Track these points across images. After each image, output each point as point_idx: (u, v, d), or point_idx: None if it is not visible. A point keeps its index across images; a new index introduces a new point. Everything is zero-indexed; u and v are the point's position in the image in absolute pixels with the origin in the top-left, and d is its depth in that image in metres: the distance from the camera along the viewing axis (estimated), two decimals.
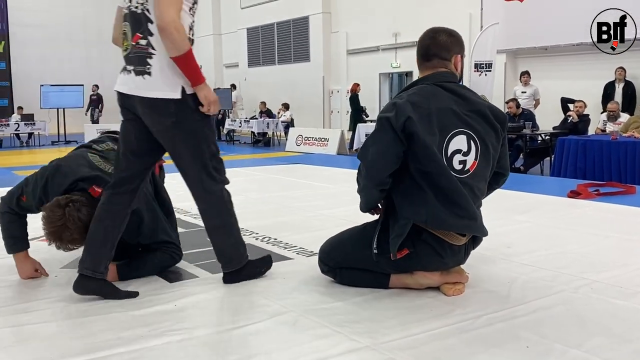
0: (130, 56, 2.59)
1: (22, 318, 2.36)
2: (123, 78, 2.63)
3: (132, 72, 2.57)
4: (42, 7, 21.43)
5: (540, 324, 2.24)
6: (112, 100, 13.04)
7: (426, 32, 2.66)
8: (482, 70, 10.15)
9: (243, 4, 20.16)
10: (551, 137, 8.97)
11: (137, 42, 2.55)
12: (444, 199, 2.42)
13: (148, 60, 2.53)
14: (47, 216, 2.65)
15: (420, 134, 2.39)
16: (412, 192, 2.45)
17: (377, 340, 2.10)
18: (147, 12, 2.52)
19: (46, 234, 2.68)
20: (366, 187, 2.53)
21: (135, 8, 2.55)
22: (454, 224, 2.45)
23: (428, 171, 2.42)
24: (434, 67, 2.61)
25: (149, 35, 2.52)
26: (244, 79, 20.38)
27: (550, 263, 3.06)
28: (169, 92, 2.51)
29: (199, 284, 2.79)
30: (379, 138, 2.45)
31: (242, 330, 2.22)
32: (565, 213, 4.44)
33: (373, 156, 2.45)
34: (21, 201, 2.85)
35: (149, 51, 2.53)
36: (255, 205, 4.88)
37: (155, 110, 2.54)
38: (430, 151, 2.40)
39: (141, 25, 2.54)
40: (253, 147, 14.91)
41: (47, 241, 2.74)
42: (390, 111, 2.44)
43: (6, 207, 2.90)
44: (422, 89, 2.53)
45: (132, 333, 2.19)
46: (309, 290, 2.68)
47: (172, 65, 2.49)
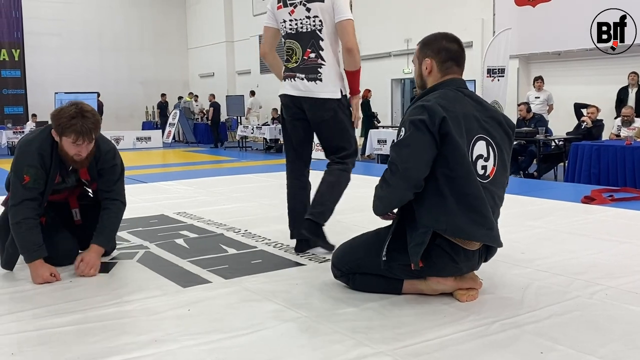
0: (301, 67, 3.32)
1: (38, 322, 2.38)
2: (292, 84, 3.35)
3: (304, 79, 3.31)
4: (57, 16, 21.66)
5: (555, 330, 2.23)
6: (113, 107, 12.98)
7: (450, 36, 2.65)
8: (495, 75, 10.12)
9: (255, 12, 20.26)
10: (565, 143, 8.93)
11: (308, 56, 3.30)
12: (465, 206, 2.42)
13: (319, 69, 3.29)
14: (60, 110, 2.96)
15: (455, 136, 2.39)
16: (433, 199, 2.43)
17: (390, 346, 2.10)
18: (318, 32, 3.29)
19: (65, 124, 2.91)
20: (399, 188, 2.45)
21: (301, 28, 3.31)
22: (472, 232, 2.44)
23: (455, 176, 2.41)
24: (454, 73, 2.62)
25: (319, 50, 3.29)
26: (257, 86, 20.46)
27: (565, 269, 3.04)
28: (333, 93, 3.29)
29: (212, 289, 2.80)
30: (415, 139, 2.40)
31: (256, 336, 2.22)
32: (579, 219, 4.41)
33: (410, 157, 2.40)
34: (28, 187, 2.95)
35: (319, 62, 3.29)
36: (267, 211, 4.90)
37: (322, 106, 3.30)
38: (461, 154, 2.41)
39: (311, 43, 3.29)
40: (265, 154, 14.95)
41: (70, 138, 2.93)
42: (421, 114, 2.41)
43: (20, 216, 2.94)
44: (446, 94, 2.52)
45: (146, 337, 2.20)
46: (322, 295, 2.68)
47: (336, 74, 3.30)
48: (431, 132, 2.38)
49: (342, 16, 3.27)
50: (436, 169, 2.42)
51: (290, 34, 3.37)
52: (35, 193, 2.98)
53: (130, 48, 23.22)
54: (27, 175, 2.96)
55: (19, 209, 2.95)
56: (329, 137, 3.41)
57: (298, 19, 3.32)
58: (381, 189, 2.54)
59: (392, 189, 2.48)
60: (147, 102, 23.02)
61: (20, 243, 2.97)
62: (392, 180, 2.46)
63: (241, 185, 6.66)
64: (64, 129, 2.93)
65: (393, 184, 2.46)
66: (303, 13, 3.30)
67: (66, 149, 2.99)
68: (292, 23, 3.35)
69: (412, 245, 2.44)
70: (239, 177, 7.65)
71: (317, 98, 3.28)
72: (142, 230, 4.18)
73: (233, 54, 22.39)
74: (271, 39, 3.51)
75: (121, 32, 23.06)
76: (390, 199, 2.51)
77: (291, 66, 3.37)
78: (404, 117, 2.53)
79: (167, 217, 4.71)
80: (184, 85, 24.01)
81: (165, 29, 24.15)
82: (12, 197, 3.02)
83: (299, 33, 3.33)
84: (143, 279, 3.00)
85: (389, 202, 2.54)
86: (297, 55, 3.34)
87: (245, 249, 3.60)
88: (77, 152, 2.99)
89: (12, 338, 2.24)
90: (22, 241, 2.96)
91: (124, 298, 2.70)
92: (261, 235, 3.94)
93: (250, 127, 16.01)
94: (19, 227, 2.95)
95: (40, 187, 2.99)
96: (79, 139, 2.94)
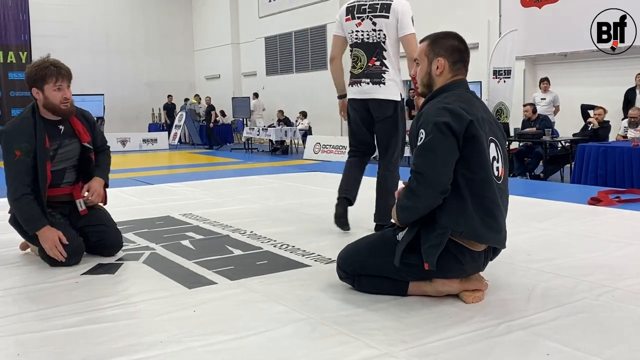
0: (366, 72, 3.86)
1: (44, 324, 2.39)
2: (359, 89, 3.91)
3: (369, 83, 3.84)
4: (64, 18, 21.76)
5: (561, 332, 2.22)
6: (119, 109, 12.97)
7: (458, 36, 2.64)
8: (501, 77, 10.09)
9: (261, 13, 20.29)
10: (571, 144, 8.89)
11: (373, 63, 3.85)
12: (482, 209, 2.42)
13: (383, 75, 3.83)
14: (31, 67, 3.21)
15: (481, 139, 2.39)
16: (453, 201, 2.42)
17: (396, 348, 2.09)
18: (382, 43, 3.82)
19: (42, 72, 3.16)
20: (427, 197, 2.40)
21: (367, 39, 3.84)
22: (485, 236, 2.45)
23: (475, 178, 2.41)
24: (462, 74, 2.62)
25: (383, 59, 3.83)
26: (262, 88, 20.48)
27: (571, 270, 3.03)
28: (394, 96, 3.85)
29: (218, 291, 2.80)
30: (440, 143, 2.36)
31: (261, 337, 2.22)
32: (585, 220, 4.40)
33: (437, 164, 2.37)
34: (21, 160, 3.10)
35: (383, 69, 3.84)
36: (273, 212, 4.90)
37: (384, 106, 3.85)
38: (484, 157, 2.41)
39: (376, 52, 3.83)
40: (271, 155, 14.96)
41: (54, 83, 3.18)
42: (444, 116, 2.38)
43: (19, 192, 3.11)
44: (462, 96, 2.52)
45: (152, 338, 2.21)
46: (327, 297, 2.68)
47: (396, 80, 3.86)
48: (455, 135, 2.36)
49: (406, 31, 3.78)
50: (457, 171, 2.41)
51: (357, 43, 3.90)
52: (29, 166, 3.12)
53: (137, 50, 23.29)
54: (18, 150, 3.12)
55: (17, 186, 3.12)
56: (386, 134, 3.93)
57: (365, 30, 3.84)
58: (407, 199, 2.47)
59: (419, 198, 2.42)
60: (153, 104, 23.07)
61: (25, 216, 3.14)
62: (420, 189, 2.40)
63: (247, 186, 6.67)
64: (44, 77, 3.16)
65: (421, 193, 2.40)
66: (369, 26, 3.82)
67: (52, 99, 3.19)
68: (358, 34, 3.87)
69: (427, 246, 2.43)
70: (245, 178, 7.66)
71: (382, 99, 3.84)
72: (148, 231, 4.19)
73: (239, 56, 22.43)
74: (339, 47, 4.06)
75: (127, 34, 23.14)
76: (418, 208, 2.44)
77: (356, 72, 3.93)
78: (421, 118, 2.48)
79: (173, 218, 4.71)
80: (190, 87, 24.06)
81: (171, 31, 24.22)
82: (7, 176, 3.16)
83: (364, 43, 3.86)
84: (149, 280, 3.01)
85: (417, 211, 2.46)
86: (362, 62, 3.88)
87: (250, 250, 3.60)
88: (62, 97, 3.21)
89: (18, 339, 2.24)
90: (25, 214, 3.14)
91: (129, 299, 2.70)
92: (267, 236, 3.94)
93: (256, 129, 16.03)
94: (19, 203, 3.13)
95: (32, 159, 3.13)
96: (59, 79, 3.18)
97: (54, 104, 3.21)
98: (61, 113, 3.26)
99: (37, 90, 3.20)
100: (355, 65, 3.92)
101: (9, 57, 21.24)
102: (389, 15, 3.78)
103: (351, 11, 3.89)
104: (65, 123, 3.35)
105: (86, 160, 3.46)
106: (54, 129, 3.29)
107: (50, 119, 3.29)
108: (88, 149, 3.44)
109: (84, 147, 3.42)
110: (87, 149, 3.43)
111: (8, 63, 21.21)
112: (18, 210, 3.17)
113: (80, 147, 3.41)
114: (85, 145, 3.42)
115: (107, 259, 3.37)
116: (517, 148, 9.52)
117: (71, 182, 3.42)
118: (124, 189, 6.50)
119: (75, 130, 3.38)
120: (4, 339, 2.23)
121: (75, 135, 3.38)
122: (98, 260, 3.34)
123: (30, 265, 3.31)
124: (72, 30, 21.91)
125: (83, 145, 3.41)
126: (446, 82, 2.59)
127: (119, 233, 3.53)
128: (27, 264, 3.35)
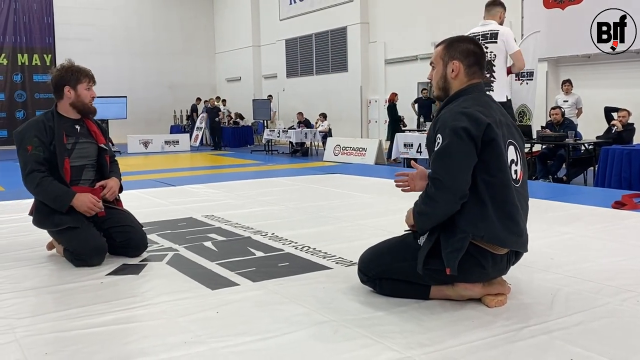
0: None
1: (71, 323, 2.43)
2: None
3: None
4: (87, 21, 22.06)
5: (585, 337, 2.20)
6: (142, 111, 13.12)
7: (474, 39, 2.66)
8: (524, 79, 10.00)
9: (282, 16, 20.38)
10: (595, 147, 8.79)
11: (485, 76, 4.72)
12: (502, 213, 2.42)
13: (492, 84, 5.22)
14: (61, 70, 3.52)
15: (499, 142, 2.39)
16: (472, 205, 2.42)
17: (418, 351, 2.10)
18: (492, 61, 5.27)
19: (76, 74, 3.48)
20: (445, 202, 2.39)
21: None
22: (506, 239, 2.44)
23: (495, 182, 2.41)
24: (478, 78, 2.62)
25: (492, 72, 5.27)
26: (283, 90, 20.56)
27: (595, 275, 3.00)
28: (501, 97, 5.06)
29: (240, 292, 2.83)
30: (458, 148, 2.36)
31: (283, 339, 2.24)
32: (609, 224, 4.35)
33: (454, 169, 2.37)
34: (33, 153, 3.29)
35: (491, 79, 5.24)
36: (294, 214, 4.92)
37: None
38: (503, 160, 2.41)
39: (487, 68, 4.96)
40: (291, 157, 15.00)
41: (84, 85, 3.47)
42: (461, 120, 2.38)
43: (37, 178, 3.28)
44: (479, 99, 2.52)
45: (176, 339, 2.24)
46: (348, 299, 2.68)
47: (502, 86, 5.26)
48: (474, 140, 2.36)
49: (513, 50, 5.33)
50: (476, 175, 2.41)
51: None
52: (41, 158, 3.31)
53: (159, 53, 23.53)
54: (30, 145, 3.31)
55: (33, 175, 3.29)
56: None
57: None
58: (424, 205, 2.46)
59: (437, 204, 2.41)
60: (175, 106, 23.29)
61: (51, 196, 3.30)
62: (437, 195, 2.40)
63: (268, 188, 6.70)
64: (78, 77, 3.43)
65: (439, 198, 2.40)
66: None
67: (83, 97, 3.48)
68: None
69: (449, 251, 2.42)
70: (266, 180, 7.70)
71: None
72: (171, 232, 4.23)
73: (259, 58, 22.55)
74: None
75: (150, 37, 23.39)
76: (436, 214, 2.44)
77: None
78: (438, 122, 2.49)
79: (195, 220, 4.76)
80: (211, 89, 24.24)
81: (193, 33, 24.43)
82: (23, 169, 3.34)
83: None
84: (172, 281, 3.05)
85: (435, 218, 2.45)
86: None
87: (272, 252, 3.62)
88: (91, 95, 3.51)
89: (46, 338, 2.29)
90: (51, 194, 3.30)
91: (154, 300, 2.74)
92: (288, 238, 3.96)
93: (277, 131, 16.09)
94: (41, 186, 3.29)
95: (44, 152, 3.31)
96: (91, 80, 3.50)
97: (84, 102, 3.48)
98: (88, 110, 3.52)
99: (70, 88, 3.45)
100: None
101: (34, 59, 21.60)
102: (497, 41, 5.31)
103: None
104: (81, 123, 3.53)
105: (102, 162, 3.56)
106: (71, 128, 3.48)
107: (69, 117, 3.48)
108: (104, 150, 3.57)
109: (101, 148, 3.55)
110: (103, 150, 3.57)
111: (33, 65, 21.57)
112: (42, 194, 3.31)
113: (97, 148, 3.54)
114: (102, 147, 3.56)
115: (131, 260, 3.41)
116: (539, 150, 9.43)
117: (90, 181, 3.51)
118: (146, 190, 6.58)
119: (92, 131, 3.55)
120: (32, 338, 2.28)
121: (91, 136, 3.54)
122: (122, 261, 3.39)
123: (56, 265, 3.37)
124: (95, 33, 22.22)
125: (100, 146, 3.55)
126: (462, 86, 2.59)
127: (144, 234, 3.59)
128: (54, 264, 3.41)
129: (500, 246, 2.46)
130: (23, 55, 21.47)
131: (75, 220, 3.31)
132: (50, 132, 3.36)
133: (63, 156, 3.35)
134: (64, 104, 3.48)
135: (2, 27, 21.13)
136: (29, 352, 2.14)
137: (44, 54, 21.64)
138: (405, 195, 2.96)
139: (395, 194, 4.02)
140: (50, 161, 3.33)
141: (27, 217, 3.60)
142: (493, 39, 5.29)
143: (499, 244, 2.45)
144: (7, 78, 21.36)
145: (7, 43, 21.24)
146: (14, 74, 21.44)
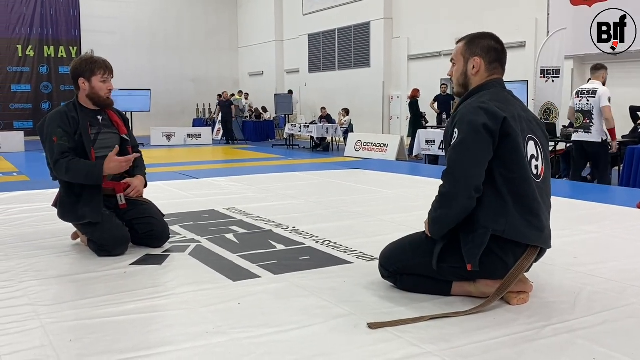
0: (583, 125, 7.00)
1: (95, 311, 2.47)
2: (578, 135, 7.17)
3: (583, 132, 7.04)
4: (112, 14, 22.28)
5: (608, 337, 2.18)
6: (164, 104, 13.33)
7: (495, 36, 2.63)
8: (550, 76, 9.90)
9: (305, 11, 20.37)
10: (620, 146, 8.65)
11: (586, 121, 6.98)
12: (521, 207, 2.40)
13: (590, 127, 6.96)
14: (78, 61, 3.48)
15: (516, 137, 2.38)
16: (492, 200, 2.40)
17: (439, 347, 2.09)
18: (591, 110, 6.92)
19: (91, 65, 3.42)
20: (459, 197, 2.37)
21: (584, 107, 7.01)
22: (527, 234, 2.42)
23: (513, 177, 2.39)
24: (498, 74, 2.61)
25: (591, 119, 6.94)
26: (305, 85, 20.57)
27: (619, 275, 2.96)
28: (596, 139, 6.97)
29: (261, 284, 2.85)
30: (474, 142, 2.36)
31: (304, 331, 2.25)
32: (634, 224, 4.29)
33: (469, 163, 2.36)
34: (59, 144, 3.31)
35: (590, 124, 6.95)
36: (315, 209, 4.93)
37: (592, 145, 7.01)
38: (520, 155, 2.39)
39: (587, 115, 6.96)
40: (312, 152, 15.02)
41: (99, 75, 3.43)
42: (478, 115, 2.38)
43: (64, 163, 3.29)
44: (497, 94, 2.50)
45: (198, 329, 2.26)
46: (369, 294, 2.69)
47: (599, 130, 6.94)
48: (491, 134, 2.35)
49: (603, 104, 6.84)
50: (494, 170, 2.40)
51: (579, 110, 7.08)
52: (66, 148, 3.33)
53: (182, 46, 23.68)
54: (55, 136, 3.33)
55: (60, 163, 3.31)
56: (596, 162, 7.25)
57: (582, 103, 7.03)
58: (437, 204, 2.46)
59: (450, 202, 2.40)
60: (198, 99, 23.43)
61: (82, 175, 3.31)
62: (451, 191, 2.40)
63: (289, 182, 6.72)
64: (93, 69, 3.39)
65: (452, 195, 2.39)
66: (585, 101, 7.00)
67: (98, 89, 3.42)
68: (580, 105, 7.08)
69: (469, 247, 2.41)
70: (287, 174, 7.71)
71: (590, 141, 7.01)
72: (193, 224, 4.27)
73: (282, 53, 22.58)
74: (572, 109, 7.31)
75: (173, 31, 23.55)
76: (449, 214, 2.42)
77: (576, 126, 7.18)
78: (456, 117, 2.49)
79: (217, 212, 4.79)
80: (234, 84, 24.34)
81: (216, 27, 24.54)
82: (50, 159, 3.38)
83: (582, 110, 7.04)
84: (194, 272, 3.08)
85: (448, 219, 2.44)
86: (580, 120, 7.07)
87: (293, 245, 3.64)
88: (107, 88, 3.46)
89: (71, 325, 2.33)
90: (82, 172, 3.31)
91: (176, 290, 2.77)
92: (309, 232, 3.97)
93: (298, 126, 16.11)
94: (70, 170, 3.30)
95: (69, 142, 3.34)
96: (106, 72, 3.43)
97: (99, 94, 3.45)
98: (103, 102, 3.50)
99: (85, 80, 3.43)
100: (576, 122, 7.14)
101: (60, 51, 21.89)
102: (595, 97, 6.88)
103: (578, 93, 7.16)
104: (103, 114, 3.54)
105: (125, 153, 3.56)
106: (93, 118, 3.49)
107: (90, 108, 3.50)
108: (126, 140, 3.59)
109: (123, 139, 3.57)
110: (125, 140, 3.59)
111: (59, 57, 21.87)
112: (74, 176, 3.32)
113: (119, 138, 3.56)
114: (124, 137, 3.58)
115: (154, 250, 3.45)
116: (564, 149, 9.33)
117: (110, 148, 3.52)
118: (170, 182, 6.64)
119: (114, 121, 3.57)
120: (57, 325, 2.32)
121: (113, 126, 3.56)
122: (145, 252, 3.43)
123: (80, 254, 3.42)
124: (119, 27, 22.42)
125: (122, 137, 3.56)
126: (482, 82, 2.58)
127: (167, 225, 3.62)
128: (78, 252, 3.47)
129: (521, 241, 2.43)
130: (49, 47, 21.77)
131: (97, 215, 3.32)
132: (74, 123, 3.38)
133: (89, 146, 3.38)
134: (81, 95, 3.49)
135: (29, 19, 21.44)
136: (54, 338, 2.18)
137: (69, 46, 21.92)
138: (427, 193, 2.94)
139: (416, 190, 4.01)
140: (76, 150, 3.35)
141: (52, 207, 3.65)
142: (593, 95, 6.91)
143: (521, 239, 2.42)
144: (34, 70, 21.68)
145: (34, 35, 21.55)
146: (40, 66, 21.76)
